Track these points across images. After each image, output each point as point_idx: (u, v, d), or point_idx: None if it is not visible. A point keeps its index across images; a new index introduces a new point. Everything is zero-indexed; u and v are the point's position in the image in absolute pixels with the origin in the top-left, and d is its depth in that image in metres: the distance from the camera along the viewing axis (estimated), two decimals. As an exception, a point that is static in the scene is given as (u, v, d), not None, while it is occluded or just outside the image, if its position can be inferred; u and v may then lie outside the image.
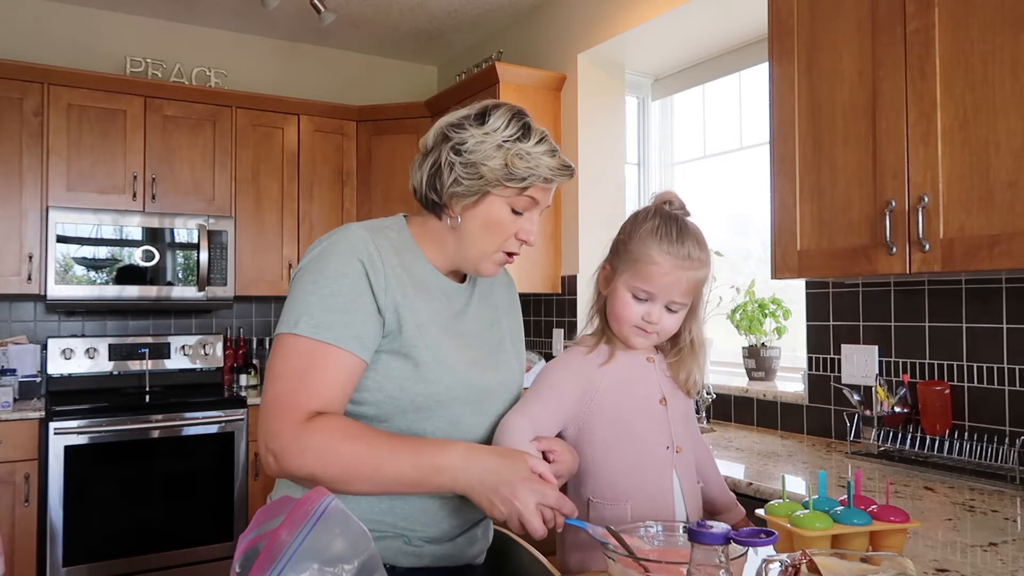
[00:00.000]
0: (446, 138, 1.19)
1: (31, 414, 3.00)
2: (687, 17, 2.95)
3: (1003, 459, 1.84)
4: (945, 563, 1.23)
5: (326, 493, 0.90)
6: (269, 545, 0.84)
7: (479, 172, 1.16)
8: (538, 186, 1.18)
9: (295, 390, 1.07)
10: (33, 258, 3.28)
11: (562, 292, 3.49)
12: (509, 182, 1.16)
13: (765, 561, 0.90)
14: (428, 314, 1.18)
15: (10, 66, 3.24)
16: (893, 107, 1.80)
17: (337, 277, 1.11)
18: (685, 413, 1.35)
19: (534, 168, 1.17)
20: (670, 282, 1.22)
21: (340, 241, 1.14)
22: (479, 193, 1.17)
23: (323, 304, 1.10)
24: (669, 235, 1.23)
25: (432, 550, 1.17)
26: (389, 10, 3.82)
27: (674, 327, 1.28)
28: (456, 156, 1.17)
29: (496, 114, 1.19)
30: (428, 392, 1.15)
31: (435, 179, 1.20)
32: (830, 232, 1.95)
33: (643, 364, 1.30)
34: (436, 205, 1.22)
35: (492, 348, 1.29)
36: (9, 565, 2.92)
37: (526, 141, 1.17)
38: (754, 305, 2.81)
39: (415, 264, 1.21)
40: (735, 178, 3.22)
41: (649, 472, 1.25)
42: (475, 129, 1.18)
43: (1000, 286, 1.94)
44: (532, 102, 3.44)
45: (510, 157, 1.15)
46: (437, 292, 1.23)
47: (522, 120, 1.20)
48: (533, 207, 1.21)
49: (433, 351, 1.16)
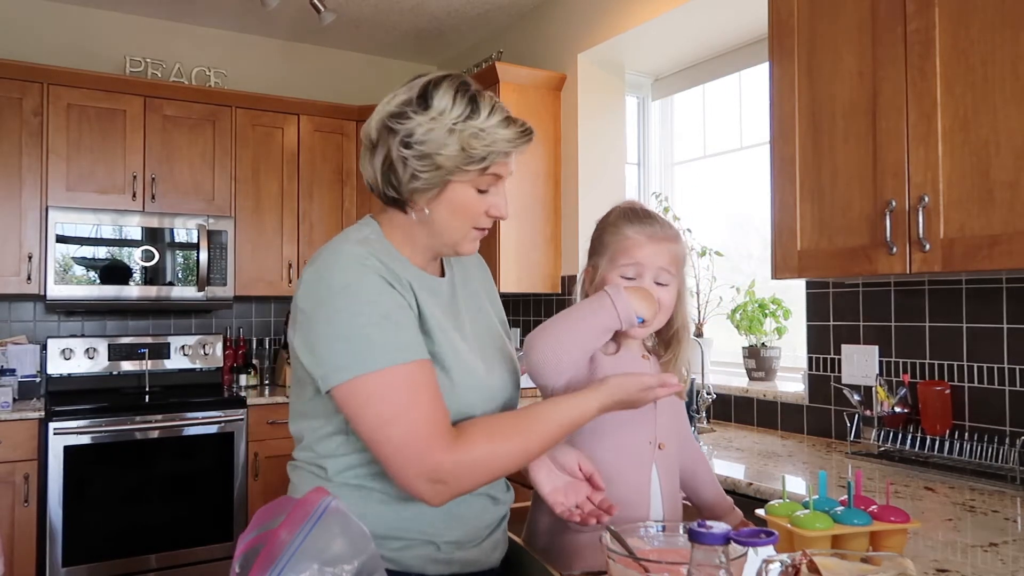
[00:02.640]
0: (391, 130, 1.11)
1: (31, 414, 3.00)
2: (687, 17, 2.95)
3: (1003, 459, 1.84)
4: (945, 563, 1.23)
5: (326, 493, 0.90)
6: (269, 545, 0.84)
7: (435, 163, 1.09)
8: (501, 161, 1.13)
9: (425, 419, 1.02)
10: (33, 258, 3.28)
11: (562, 292, 3.49)
12: (468, 166, 1.10)
13: (765, 561, 0.90)
14: (436, 315, 1.15)
15: (10, 66, 3.24)
16: (893, 107, 1.80)
17: (376, 298, 1.05)
18: (675, 414, 1.35)
19: (491, 145, 1.10)
20: (650, 253, 1.25)
21: (347, 267, 1.07)
22: (440, 184, 1.11)
23: (385, 330, 1.04)
24: (636, 215, 1.29)
25: (461, 556, 1.15)
26: (389, 10, 3.82)
27: (670, 302, 1.28)
28: (407, 150, 1.09)
29: (438, 94, 1.10)
30: (459, 398, 1.11)
31: (390, 175, 1.12)
32: (830, 232, 1.95)
33: (639, 361, 1.30)
34: (397, 201, 1.15)
35: (490, 339, 1.26)
36: (9, 565, 2.91)
37: (477, 117, 1.10)
38: (754, 305, 2.81)
39: (404, 268, 1.16)
40: (735, 178, 3.22)
41: (628, 463, 1.26)
42: (420, 116, 1.09)
43: (1000, 286, 1.94)
44: (532, 102, 3.45)
45: (464, 139, 1.08)
46: (423, 291, 1.17)
47: (467, 94, 1.12)
48: (498, 183, 1.16)
49: (455, 355, 1.13)
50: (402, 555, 1.11)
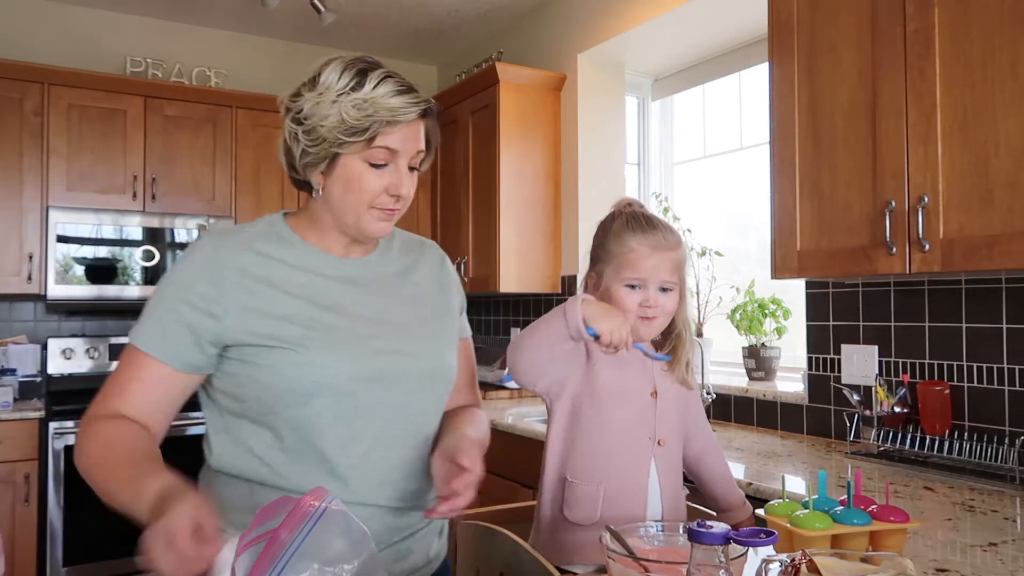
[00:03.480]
0: (287, 111, 1.15)
1: (31, 414, 3.00)
2: (687, 17, 2.95)
3: (1003, 459, 1.84)
4: (945, 563, 1.23)
5: (326, 493, 0.90)
6: (269, 545, 0.84)
7: (319, 135, 1.10)
8: (387, 132, 1.10)
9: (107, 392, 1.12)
10: (33, 258, 3.28)
11: (562, 292, 3.49)
12: (350, 136, 1.08)
13: (765, 561, 0.90)
14: (300, 299, 1.14)
15: (10, 66, 3.25)
16: (893, 107, 1.80)
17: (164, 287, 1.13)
18: (681, 411, 1.35)
19: (372, 114, 1.08)
20: (654, 264, 1.29)
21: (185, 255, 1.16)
22: (327, 157, 1.11)
23: (148, 313, 1.13)
24: (640, 225, 1.31)
25: None
26: (389, 10, 3.82)
27: (674, 307, 1.32)
28: (297, 126, 1.12)
29: (327, 70, 1.12)
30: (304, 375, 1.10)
31: (288, 156, 1.16)
32: (830, 232, 1.95)
33: (640, 359, 1.32)
34: (302, 183, 1.18)
35: (401, 324, 1.21)
36: (9, 565, 2.92)
37: (360, 89, 1.09)
38: (754, 305, 2.81)
39: (285, 251, 1.17)
40: (735, 178, 3.22)
41: (626, 458, 1.27)
42: (309, 93, 1.11)
43: (1000, 286, 1.94)
44: (532, 102, 3.45)
45: (345, 109, 1.08)
46: (320, 272, 1.18)
47: (356, 67, 1.11)
48: (392, 158, 1.12)
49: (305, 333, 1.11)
50: None
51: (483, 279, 3.49)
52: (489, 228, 3.43)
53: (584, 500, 1.25)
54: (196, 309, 1.11)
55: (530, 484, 2.55)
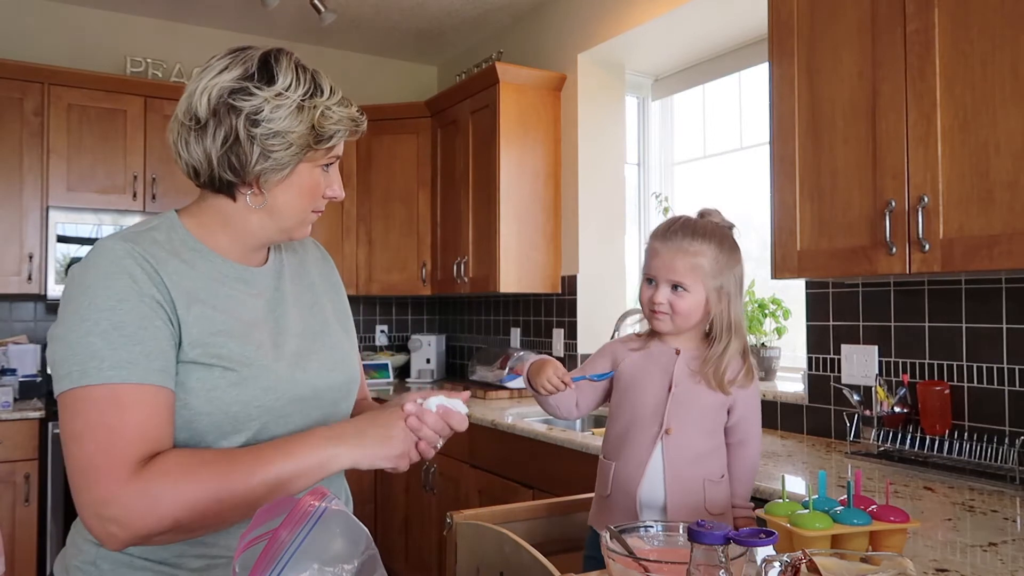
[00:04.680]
0: (232, 107, 1.02)
1: (31, 414, 3.00)
2: (687, 17, 2.95)
3: (1003, 459, 1.84)
4: (945, 563, 1.23)
5: (326, 493, 0.90)
6: (269, 545, 0.84)
7: (287, 141, 1.02)
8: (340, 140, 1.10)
9: (110, 444, 0.92)
10: (33, 258, 3.28)
11: (562, 292, 3.49)
12: (319, 144, 1.05)
13: (765, 561, 0.90)
14: (226, 314, 1.05)
15: (10, 66, 3.25)
16: (893, 107, 1.80)
17: (113, 305, 0.95)
18: (696, 403, 1.39)
19: (338, 124, 1.07)
20: (664, 262, 1.38)
21: (99, 264, 0.98)
22: (291, 164, 1.04)
23: (108, 343, 0.94)
24: (667, 227, 1.42)
25: None
26: (389, 10, 3.82)
27: (687, 309, 1.38)
28: (255, 128, 1.01)
29: (281, 69, 1.05)
30: (245, 399, 1.02)
31: (230, 157, 1.03)
32: (830, 232, 1.95)
33: (668, 354, 1.43)
34: (231, 185, 1.06)
35: (315, 334, 1.16)
36: (9, 565, 2.92)
37: (321, 95, 1.06)
38: (754, 305, 2.81)
39: (198, 261, 1.06)
40: (735, 178, 3.22)
41: (633, 442, 1.40)
42: (265, 91, 1.02)
43: (1000, 286, 1.94)
44: (532, 102, 3.45)
45: (316, 118, 1.04)
46: (236, 284, 1.09)
47: (308, 71, 1.08)
48: (335, 161, 1.12)
49: (241, 352, 1.03)
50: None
51: (483, 279, 3.49)
52: (489, 228, 3.43)
53: (602, 474, 1.45)
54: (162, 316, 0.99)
55: (530, 484, 2.55)
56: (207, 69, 1.05)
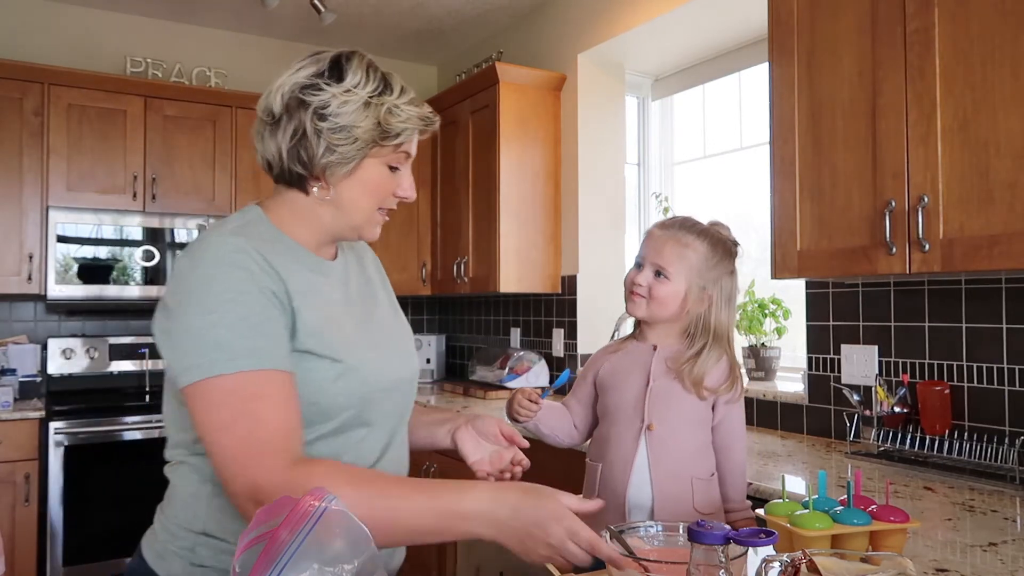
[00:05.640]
0: (302, 103, 1.06)
1: (31, 414, 3.00)
2: (687, 17, 2.95)
3: (1003, 459, 1.84)
4: (945, 563, 1.23)
5: (326, 493, 0.90)
6: (269, 545, 0.84)
7: (352, 136, 1.06)
8: (411, 139, 1.12)
9: (256, 432, 0.94)
10: (33, 258, 3.28)
11: (562, 292, 3.49)
12: (385, 141, 1.08)
13: (765, 561, 0.90)
14: (323, 305, 1.09)
15: (10, 66, 3.25)
16: (893, 107, 1.80)
17: (237, 297, 0.98)
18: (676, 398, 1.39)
19: (406, 122, 1.09)
20: (654, 246, 1.42)
21: (214, 258, 1.00)
22: (356, 158, 1.07)
23: (238, 333, 0.97)
24: (671, 219, 1.47)
25: None
26: (389, 10, 3.82)
27: (664, 296, 1.40)
28: (322, 122, 1.05)
29: (351, 67, 1.08)
30: (348, 390, 1.06)
31: (299, 150, 1.06)
32: (830, 232, 1.95)
33: (646, 351, 1.45)
34: (301, 178, 1.09)
35: (388, 328, 1.22)
36: (9, 565, 2.92)
37: (390, 94, 1.09)
38: (754, 305, 2.81)
39: (290, 253, 1.10)
40: (735, 178, 3.22)
41: (617, 441, 1.41)
42: (334, 87, 1.06)
43: (1000, 286, 1.94)
44: (532, 102, 3.45)
45: (382, 114, 1.07)
46: (321, 277, 1.13)
47: (379, 71, 1.11)
48: (406, 161, 1.14)
49: (344, 344, 1.07)
50: None
51: (483, 279, 3.49)
52: (489, 228, 3.43)
53: (588, 476, 1.45)
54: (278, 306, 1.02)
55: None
56: (288, 71, 1.10)
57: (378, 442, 1.13)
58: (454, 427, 1.28)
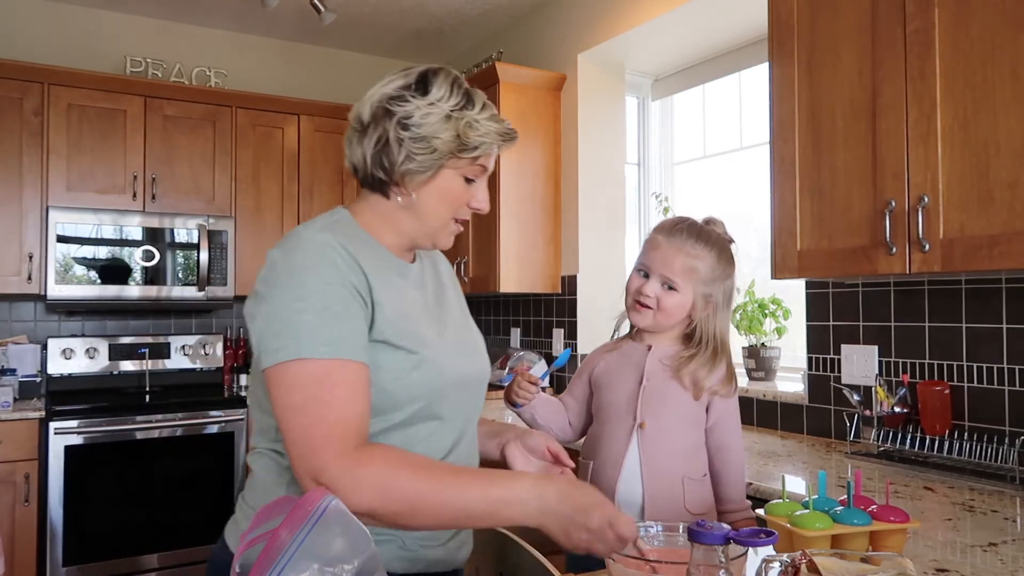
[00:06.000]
0: (388, 112, 1.13)
1: (31, 414, 3.00)
2: (687, 17, 2.95)
3: (1003, 459, 1.84)
4: (945, 563, 1.23)
5: (326, 493, 0.90)
6: (269, 545, 0.84)
7: (432, 146, 1.12)
8: (489, 153, 1.17)
9: (325, 417, 1.00)
10: (33, 258, 3.28)
11: (562, 292, 3.49)
12: (463, 153, 1.13)
13: (765, 561, 0.90)
14: (402, 301, 1.15)
15: (10, 66, 3.24)
16: (893, 107, 1.80)
17: (323, 287, 1.04)
18: (669, 397, 1.40)
19: (484, 136, 1.14)
20: (661, 256, 1.39)
21: (305, 251, 1.07)
22: (434, 168, 1.13)
23: (322, 320, 1.02)
24: (671, 225, 1.43)
25: (426, 554, 1.15)
26: (389, 10, 3.82)
27: (672, 307, 1.40)
28: (404, 131, 1.11)
29: (437, 82, 1.14)
30: (422, 381, 1.11)
31: (382, 156, 1.13)
32: (830, 232, 1.95)
33: (641, 350, 1.45)
34: (383, 183, 1.16)
35: (459, 326, 1.28)
36: (9, 565, 2.92)
37: (472, 108, 1.14)
38: (754, 305, 2.81)
39: (374, 253, 1.16)
40: (735, 178, 3.22)
41: (609, 438, 1.42)
42: (418, 100, 1.12)
43: (1000, 286, 1.94)
44: (532, 102, 3.45)
45: (461, 128, 1.12)
46: (401, 278, 1.19)
47: (463, 87, 1.16)
48: (483, 174, 1.19)
49: (421, 337, 1.13)
50: None
51: (483, 279, 3.49)
52: (489, 228, 3.44)
53: (580, 474, 1.44)
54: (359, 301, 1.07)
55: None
56: (381, 82, 1.17)
57: (448, 437, 1.17)
58: (504, 441, 1.32)
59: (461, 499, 1.00)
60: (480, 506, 1.01)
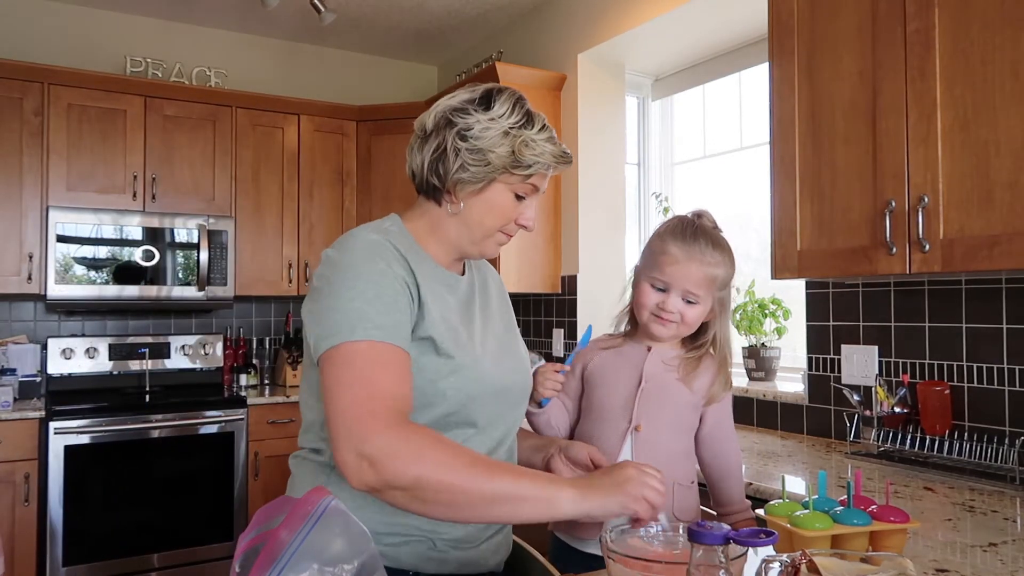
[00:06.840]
0: (450, 123, 1.18)
1: (31, 414, 3.00)
2: (687, 17, 2.95)
3: (1003, 459, 1.84)
4: (945, 563, 1.23)
5: (326, 493, 0.90)
6: (269, 545, 0.84)
7: (486, 159, 1.16)
8: (540, 173, 1.20)
9: (373, 393, 1.03)
10: (33, 258, 3.28)
11: (562, 292, 3.49)
12: (515, 170, 1.17)
13: (765, 561, 0.90)
14: (446, 307, 1.19)
15: (10, 66, 3.24)
16: (893, 107, 1.80)
17: (376, 279, 1.10)
18: (667, 400, 1.38)
19: (539, 156, 1.17)
20: (682, 271, 1.34)
21: (358, 248, 1.13)
22: (485, 180, 1.17)
23: (374, 308, 1.08)
24: (684, 233, 1.37)
25: (457, 555, 1.16)
26: (389, 10, 3.82)
27: (695, 319, 1.38)
28: (462, 142, 1.16)
29: (500, 100, 1.19)
30: (457, 384, 1.14)
31: (438, 164, 1.18)
32: (830, 232, 1.95)
33: (640, 351, 1.43)
34: (436, 190, 1.21)
35: (502, 338, 1.30)
36: (9, 565, 2.92)
37: (530, 128, 1.18)
38: (754, 305, 2.81)
39: (424, 261, 1.21)
40: (735, 178, 3.22)
41: (601, 439, 1.39)
42: (480, 115, 1.17)
43: (1000, 286, 1.94)
44: (532, 102, 3.39)
45: (517, 145, 1.16)
46: (445, 286, 1.22)
47: (524, 107, 1.21)
48: (534, 193, 1.22)
49: (460, 342, 1.16)
50: (398, 551, 1.13)
51: (483, 279, 3.49)
52: (489, 228, 3.43)
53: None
54: (408, 296, 1.12)
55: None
56: (448, 96, 1.23)
57: (483, 446, 1.18)
58: (548, 455, 1.32)
59: (510, 473, 1.04)
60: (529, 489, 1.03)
